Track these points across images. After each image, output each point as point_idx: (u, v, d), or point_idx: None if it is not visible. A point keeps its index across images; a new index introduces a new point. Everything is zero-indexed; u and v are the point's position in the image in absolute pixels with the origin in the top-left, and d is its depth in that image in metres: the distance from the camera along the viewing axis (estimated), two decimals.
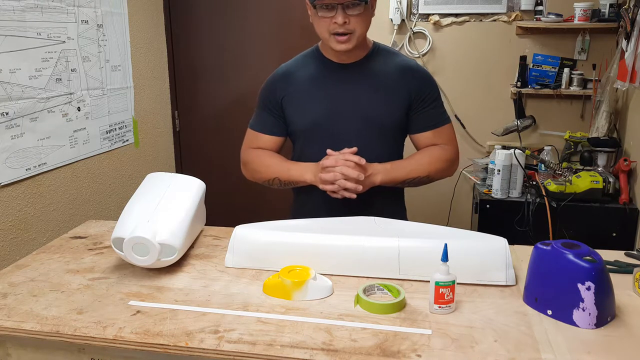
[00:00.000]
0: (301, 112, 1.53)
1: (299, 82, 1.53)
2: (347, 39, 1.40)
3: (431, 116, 1.52)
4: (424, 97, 1.50)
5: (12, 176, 1.98)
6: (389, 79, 1.49)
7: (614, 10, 2.59)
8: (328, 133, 1.49)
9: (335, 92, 1.50)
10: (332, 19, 1.37)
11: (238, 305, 1.07)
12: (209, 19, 3.12)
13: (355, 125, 1.49)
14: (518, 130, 2.80)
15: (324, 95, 1.50)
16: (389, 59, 1.52)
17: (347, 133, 1.48)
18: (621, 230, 2.38)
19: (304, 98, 1.52)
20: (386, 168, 1.45)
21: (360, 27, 1.40)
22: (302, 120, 1.53)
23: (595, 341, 0.94)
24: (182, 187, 1.36)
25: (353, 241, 1.19)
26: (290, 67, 1.58)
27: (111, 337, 0.97)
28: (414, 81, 1.49)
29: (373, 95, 1.48)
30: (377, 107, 1.48)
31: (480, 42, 2.89)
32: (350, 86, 1.49)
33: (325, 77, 1.51)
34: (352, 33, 1.39)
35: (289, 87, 1.53)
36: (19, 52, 1.97)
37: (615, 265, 1.20)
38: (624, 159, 2.39)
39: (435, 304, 1.02)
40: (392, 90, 1.48)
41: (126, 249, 1.15)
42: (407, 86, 1.49)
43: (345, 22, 1.37)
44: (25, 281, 1.18)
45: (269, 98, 1.57)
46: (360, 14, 1.38)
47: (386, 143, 1.53)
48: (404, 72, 1.50)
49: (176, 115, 3.23)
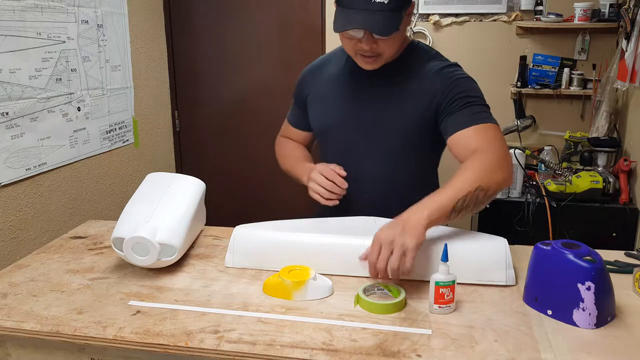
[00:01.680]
0: (318, 114, 1.48)
1: (323, 81, 1.47)
2: (374, 60, 1.29)
3: (464, 115, 1.28)
4: (452, 97, 1.29)
5: (12, 176, 1.98)
6: (416, 86, 1.34)
7: (614, 10, 2.59)
8: (341, 140, 1.42)
9: (354, 97, 1.40)
10: (359, 41, 1.26)
11: (238, 305, 1.07)
12: (209, 19, 3.12)
13: (369, 135, 1.38)
14: (518, 130, 2.80)
15: (343, 98, 1.42)
16: (423, 63, 1.36)
17: (361, 143, 1.39)
18: (621, 230, 2.38)
19: (324, 98, 1.45)
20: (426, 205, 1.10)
21: (390, 49, 1.29)
22: (317, 123, 1.49)
23: (595, 341, 0.94)
24: (182, 187, 1.36)
25: (353, 241, 1.19)
26: (323, 62, 1.51)
27: (111, 337, 0.97)
28: (441, 83, 1.31)
29: (389, 104, 1.36)
30: (395, 118, 1.35)
31: (480, 42, 2.89)
32: (368, 92, 1.38)
33: (349, 79, 1.42)
34: (379, 55, 1.28)
35: (315, 84, 1.48)
36: (19, 52, 1.97)
37: (615, 265, 1.20)
38: (624, 159, 2.39)
39: (435, 304, 1.02)
40: (417, 99, 1.33)
41: (126, 249, 1.15)
42: (429, 92, 1.32)
43: (373, 47, 1.25)
44: (25, 281, 1.18)
45: (298, 92, 1.54)
46: (390, 38, 1.25)
47: (410, 156, 1.39)
48: (434, 77, 1.33)
49: (176, 115, 3.24)
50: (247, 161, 3.21)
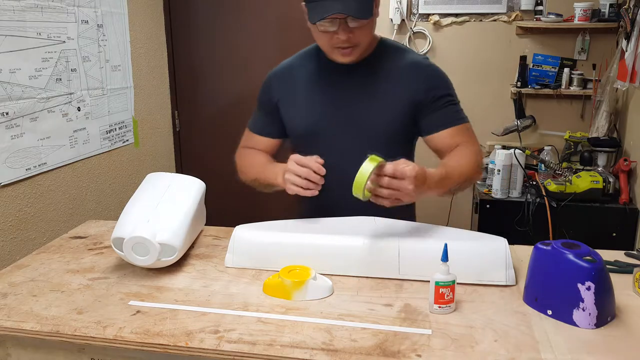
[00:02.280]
0: (296, 117, 1.45)
1: (296, 83, 1.45)
2: (351, 52, 1.31)
3: (446, 114, 1.38)
4: (433, 96, 1.37)
5: (12, 176, 1.98)
6: (393, 81, 1.38)
7: (614, 10, 2.59)
8: (323, 141, 1.40)
9: (332, 96, 1.41)
10: (334, 33, 1.28)
11: (238, 305, 1.07)
12: (209, 18, 3.12)
13: (353, 134, 1.39)
14: (518, 130, 2.80)
15: (320, 99, 1.42)
16: (396, 58, 1.41)
17: (344, 142, 1.39)
18: (621, 230, 2.38)
19: (300, 101, 1.44)
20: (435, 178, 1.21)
21: (365, 38, 1.32)
22: (297, 125, 1.45)
23: (595, 341, 0.94)
24: (182, 187, 1.36)
25: (353, 241, 1.19)
26: (290, 66, 1.49)
27: (111, 337, 0.97)
28: (418, 81, 1.37)
29: (370, 100, 1.38)
30: (378, 114, 1.38)
31: (480, 42, 2.89)
32: (349, 90, 1.40)
33: (323, 79, 1.43)
34: (356, 46, 1.31)
35: (285, 88, 1.46)
36: (19, 52, 1.97)
37: (615, 265, 1.20)
38: (624, 159, 2.39)
39: (435, 304, 1.02)
40: (392, 93, 1.38)
41: (126, 249, 1.15)
42: (410, 87, 1.37)
43: (349, 37, 1.28)
44: (25, 281, 1.18)
45: (265, 98, 1.50)
46: (363, 26, 1.29)
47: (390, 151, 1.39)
48: (408, 72, 1.38)
49: (176, 115, 3.23)
50: None
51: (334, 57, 1.35)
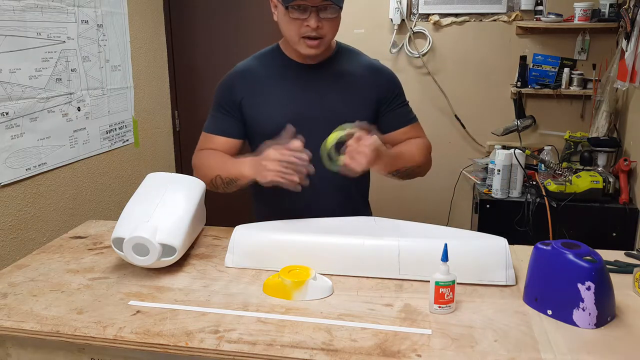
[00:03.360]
0: (264, 116, 1.44)
1: (260, 83, 1.45)
2: (318, 44, 1.35)
3: (402, 114, 1.51)
4: (392, 96, 1.49)
5: (12, 176, 1.98)
6: (354, 80, 1.45)
7: (614, 10, 2.59)
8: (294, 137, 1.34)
9: (300, 95, 1.43)
10: (304, 21, 1.31)
11: (238, 305, 1.07)
12: (209, 19, 3.12)
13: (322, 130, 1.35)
14: (518, 130, 2.80)
15: (287, 98, 1.43)
16: (353, 59, 1.49)
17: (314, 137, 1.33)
18: (621, 230, 2.38)
19: (267, 101, 1.44)
20: (391, 154, 1.35)
21: (332, 32, 1.36)
22: (265, 124, 1.43)
23: (595, 341, 0.94)
24: (182, 187, 1.36)
25: (353, 241, 1.19)
26: (251, 66, 1.50)
27: (111, 337, 0.97)
28: (380, 81, 1.48)
29: (339, 97, 1.43)
30: (344, 110, 1.42)
31: (480, 42, 2.89)
32: (316, 88, 1.44)
33: (289, 79, 1.45)
34: (323, 38, 1.34)
35: (249, 88, 1.46)
36: (19, 52, 1.97)
37: (615, 265, 1.20)
38: (624, 159, 2.39)
39: (435, 304, 1.02)
40: (359, 91, 1.45)
41: (126, 249, 1.15)
42: (374, 86, 1.46)
43: (318, 26, 1.31)
44: (25, 281, 1.18)
45: (226, 98, 1.49)
46: (333, 19, 1.34)
47: None
48: (370, 72, 1.47)
49: (176, 115, 3.23)
50: None
51: (299, 49, 1.37)
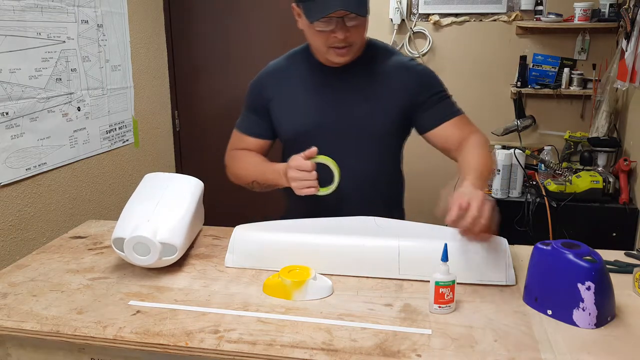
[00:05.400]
0: (286, 119, 1.44)
1: (288, 84, 1.44)
2: (347, 52, 1.32)
3: (442, 108, 1.40)
4: (427, 95, 1.39)
5: (12, 176, 1.98)
6: (383, 82, 1.39)
7: (614, 10, 2.59)
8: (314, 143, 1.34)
9: (323, 99, 1.41)
10: (331, 33, 1.28)
11: (238, 305, 1.07)
12: (209, 18, 3.12)
13: (344, 135, 1.39)
14: (518, 130, 2.80)
15: (311, 102, 1.41)
16: (385, 59, 1.42)
17: (335, 143, 1.37)
18: (621, 230, 2.38)
19: (291, 103, 1.43)
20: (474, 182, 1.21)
21: (360, 38, 1.33)
22: (287, 126, 1.45)
23: (595, 341, 0.94)
24: (181, 186, 1.36)
25: (353, 241, 1.19)
26: (281, 66, 1.48)
27: (111, 337, 0.97)
28: (410, 82, 1.39)
29: (364, 103, 1.39)
30: (368, 116, 1.38)
31: (480, 42, 2.89)
32: (340, 93, 1.40)
33: (314, 82, 1.42)
34: (351, 45, 1.32)
35: (278, 89, 1.45)
36: (19, 52, 1.97)
37: (615, 265, 1.20)
38: (624, 158, 2.39)
39: (435, 304, 1.02)
40: (387, 94, 1.39)
41: (127, 249, 1.15)
42: (402, 89, 1.38)
43: (346, 36, 1.28)
44: (25, 281, 1.18)
45: (256, 98, 1.49)
46: (359, 25, 1.30)
47: (378, 152, 1.43)
48: (401, 73, 1.40)
49: (176, 115, 3.24)
50: None
51: (328, 58, 1.35)
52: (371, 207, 1.37)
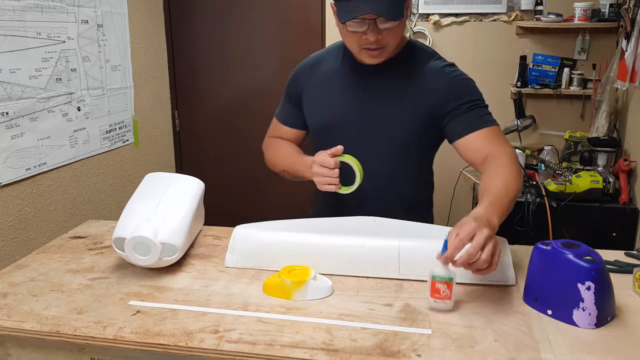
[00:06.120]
0: (313, 111, 1.45)
1: (319, 77, 1.44)
2: (379, 54, 1.29)
3: (472, 117, 1.32)
4: (458, 102, 1.32)
5: (12, 176, 1.98)
6: (414, 85, 1.34)
7: (614, 10, 2.59)
8: (338, 139, 1.31)
9: (350, 95, 1.39)
10: (363, 34, 1.25)
11: (238, 305, 1.07)
12: (209, 18, 3.12)
13: (368, 135, 1.37)
14: (518, 130, 2.80)
15: (338, 97, 1.40)
16: (421, 62, 1.37)
17: (359, 141, 1.35)
18: (621, 230, 2.38)
19: (320, 96, 1.43)
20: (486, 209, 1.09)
21: (394, 40, 1.29)
22: (313, 120, 1.46)
23: (595, 341, 0.94)
24: (181, 186, 1.36)
25: (353, 241, 1.19)
26: (318, 59, 1.47)
27: (111, 337, 0.97)
28: (443, 87, 1.33)
29: (390, 104, 1.35)
30: (391, 117, 1.35)
31: (480, 42, 2.90)
32: (368, 91, 1.37)
33: (345, 77, 1.40)
34: (384, 47, 1.28)
35: (310, 81, 1.45)
36: (19, 52, 1.97)
37: (615, 265, 1.20)
38: (624, 158, 2.39)
39: (431, 297, 1.02)
40: (415, 98, 1.34)
41: (128, 249, 1.15)
42: (435, 93, 1.33)
43: (378, 38, 1.24)
44: (25, 281, 1.18)
45: (291, 88, 1.49)
46: (393, 27, 1.25)
47: (399, 155, 1.39)
48: (434, 78, 1.34)
49: (176, 115, 3.24)
50: (247, 161, 3.21)
51: (361, 58, 1.34)
52: (390, 210, 1.35)
